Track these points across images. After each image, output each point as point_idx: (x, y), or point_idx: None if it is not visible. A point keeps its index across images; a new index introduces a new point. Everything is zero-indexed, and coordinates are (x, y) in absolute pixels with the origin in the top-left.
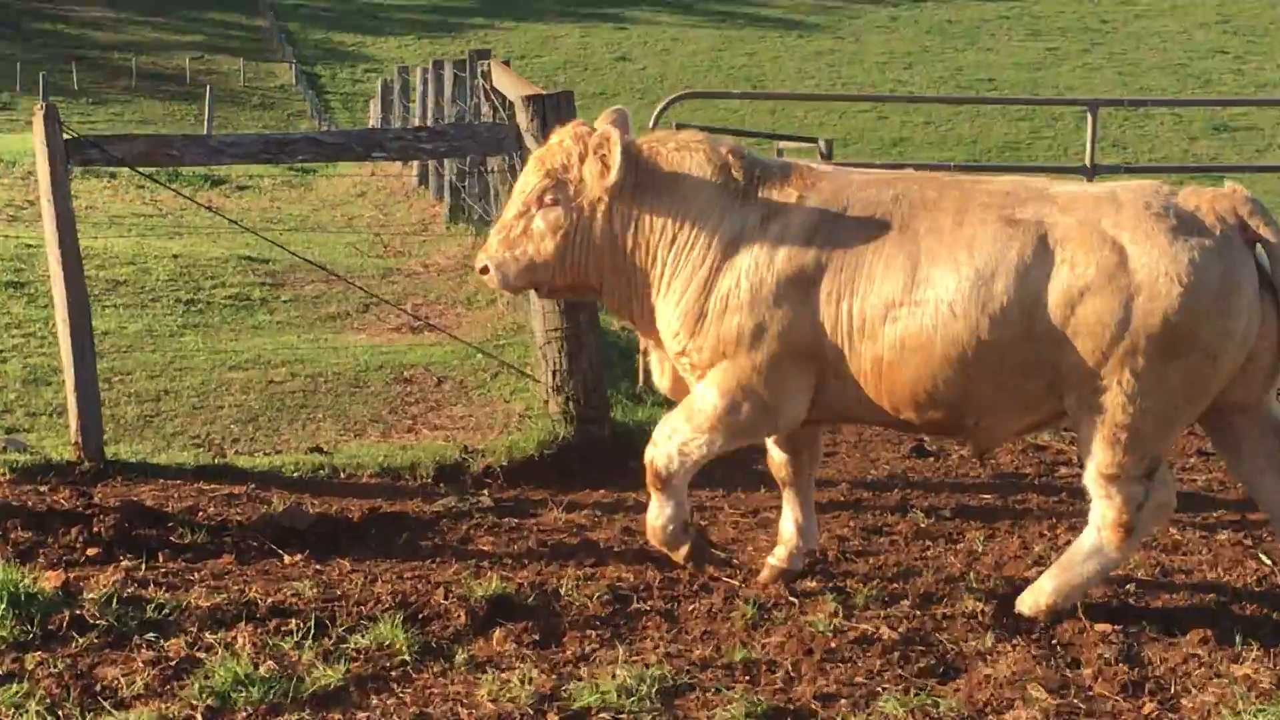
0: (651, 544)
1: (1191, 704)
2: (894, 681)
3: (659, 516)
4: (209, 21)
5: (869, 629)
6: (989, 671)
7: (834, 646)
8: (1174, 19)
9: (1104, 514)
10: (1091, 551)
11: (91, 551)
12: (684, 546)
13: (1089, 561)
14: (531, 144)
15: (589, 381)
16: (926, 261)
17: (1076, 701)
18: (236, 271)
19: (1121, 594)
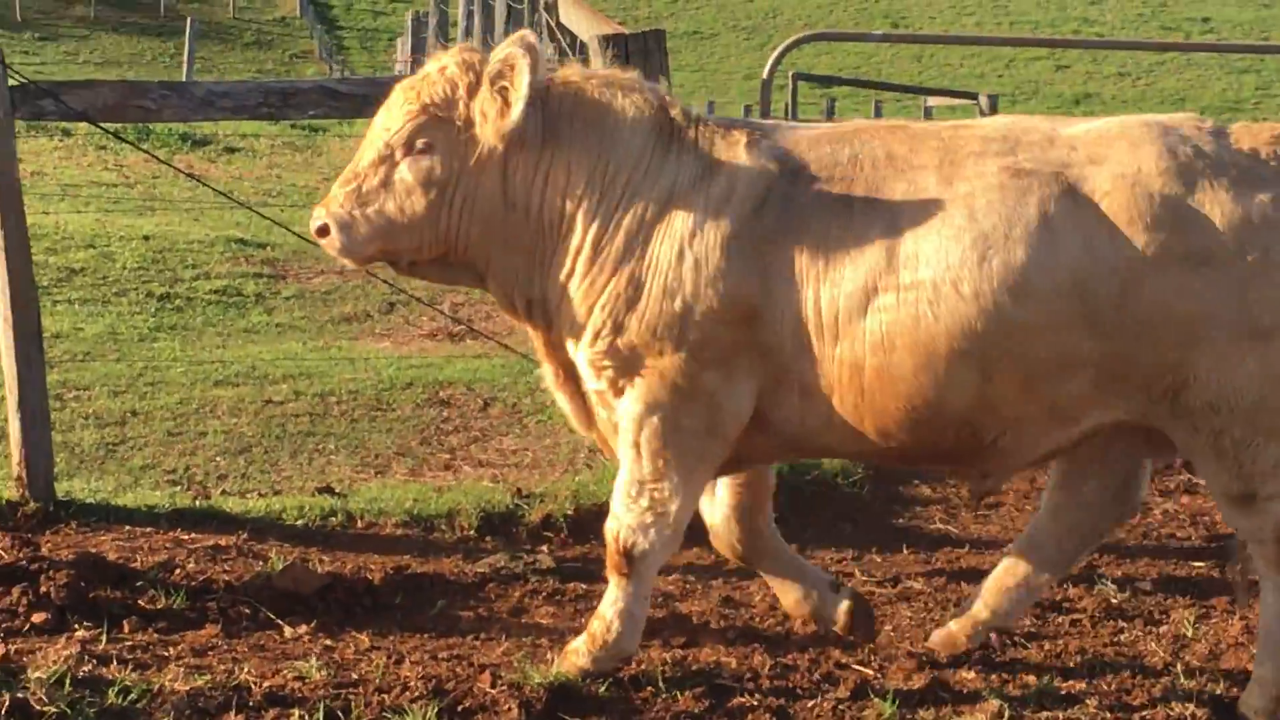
0: (585, 652)
1: None
2: None
3: (611, 606)
4: None
5: None
6: None
7: None
8: None
9: (1263, 554)
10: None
11: (38, 618)
12: (622, 655)
13: None
14: None
15: None
16: (913, 233)
17: None
18: (224, 259)
19: None
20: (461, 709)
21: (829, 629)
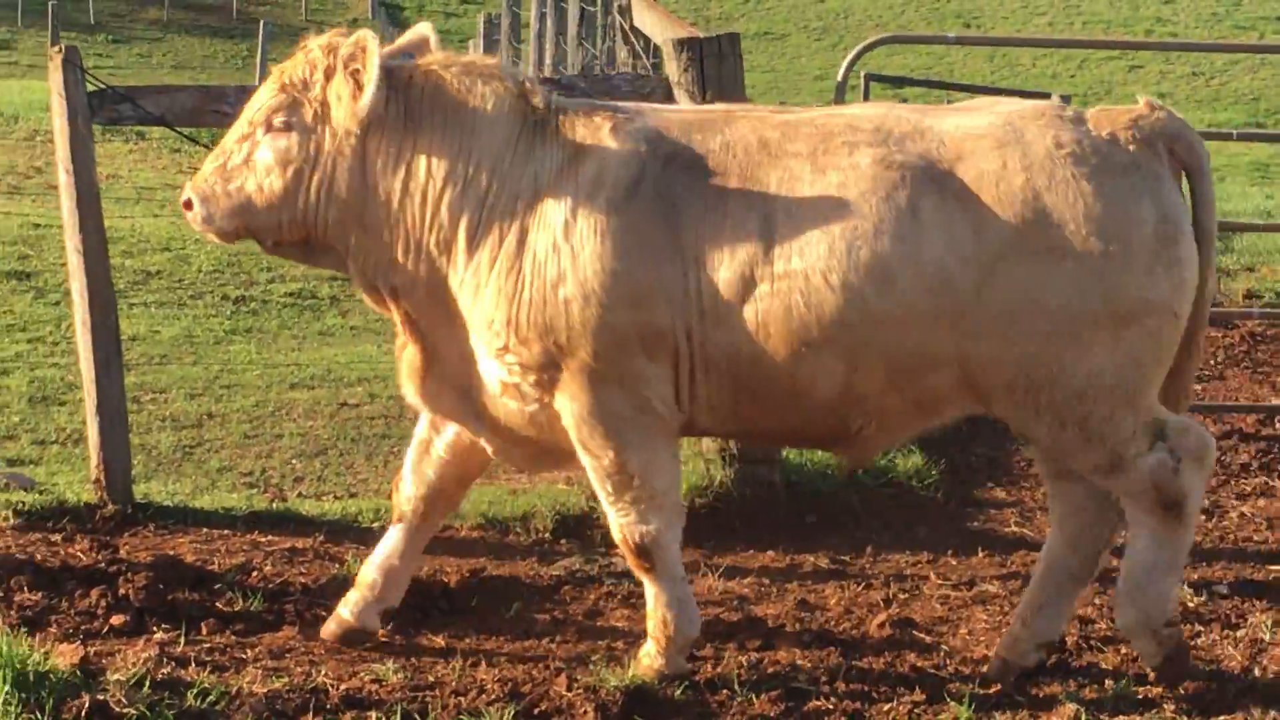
0: (656, 653)
1: None
2: None
3: (656, 601)
4: None
5: None
6: None
7: None
8: None
9: (1141, 504)
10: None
11: (117, 620)
12: (689, 641)
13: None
14: (684, 100)
15: None
16: (786, 222)
17: None
18: None
19: None
20: (538, 712)
21: (351, 638)
